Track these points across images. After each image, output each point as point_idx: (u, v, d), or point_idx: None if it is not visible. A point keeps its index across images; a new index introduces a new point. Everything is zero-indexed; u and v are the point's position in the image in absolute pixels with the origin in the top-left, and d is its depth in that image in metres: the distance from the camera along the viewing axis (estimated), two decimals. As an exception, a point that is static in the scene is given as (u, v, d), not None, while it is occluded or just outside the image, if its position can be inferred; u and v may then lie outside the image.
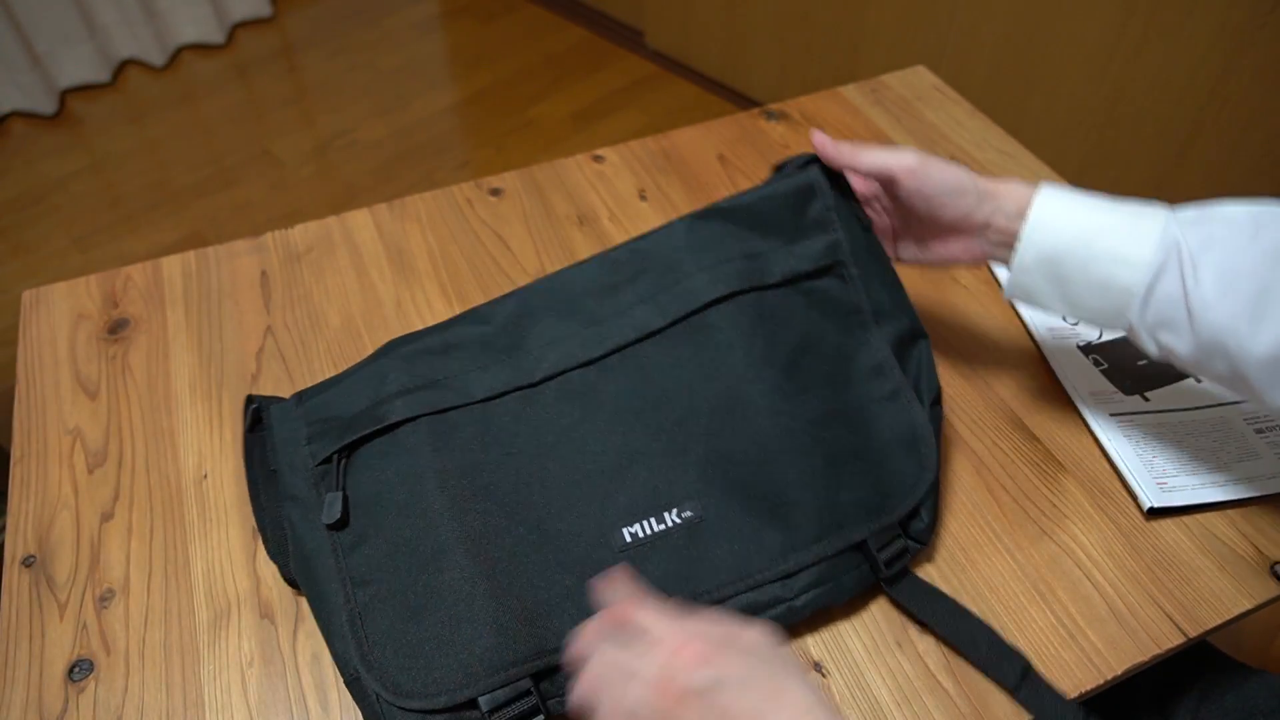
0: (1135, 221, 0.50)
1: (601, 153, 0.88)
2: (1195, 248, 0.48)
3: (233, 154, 2.02)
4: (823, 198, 0.58)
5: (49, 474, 0.62)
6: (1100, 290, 0.51)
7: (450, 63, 2.32)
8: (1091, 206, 0.51)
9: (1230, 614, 0.54)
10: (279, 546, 0.53)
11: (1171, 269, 0.48)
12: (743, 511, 0.51)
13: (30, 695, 0.51)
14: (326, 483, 0.52)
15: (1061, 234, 0.51)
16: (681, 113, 2.12)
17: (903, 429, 0.54)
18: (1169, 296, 0.49)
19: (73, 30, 2.07)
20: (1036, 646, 0.52)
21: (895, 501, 0.52)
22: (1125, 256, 0.50)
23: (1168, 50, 1.31)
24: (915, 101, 0.94)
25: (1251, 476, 0.60)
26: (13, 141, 2.05)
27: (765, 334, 0.54)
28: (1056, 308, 0.54)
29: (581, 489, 0.51)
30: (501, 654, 0.46)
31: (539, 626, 0.47)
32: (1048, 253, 0.52)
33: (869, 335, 0.56)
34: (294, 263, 0.76)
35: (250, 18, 2.39)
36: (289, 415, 0.55)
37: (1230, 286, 0.47)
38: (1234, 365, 0.48)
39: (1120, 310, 0.51)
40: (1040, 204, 0.52)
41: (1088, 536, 0.58)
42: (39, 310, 0.73)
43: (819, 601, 0.51)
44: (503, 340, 0.55)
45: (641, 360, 0.54)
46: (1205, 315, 0.48)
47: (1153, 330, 0.51)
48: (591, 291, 0.57)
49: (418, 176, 1.96)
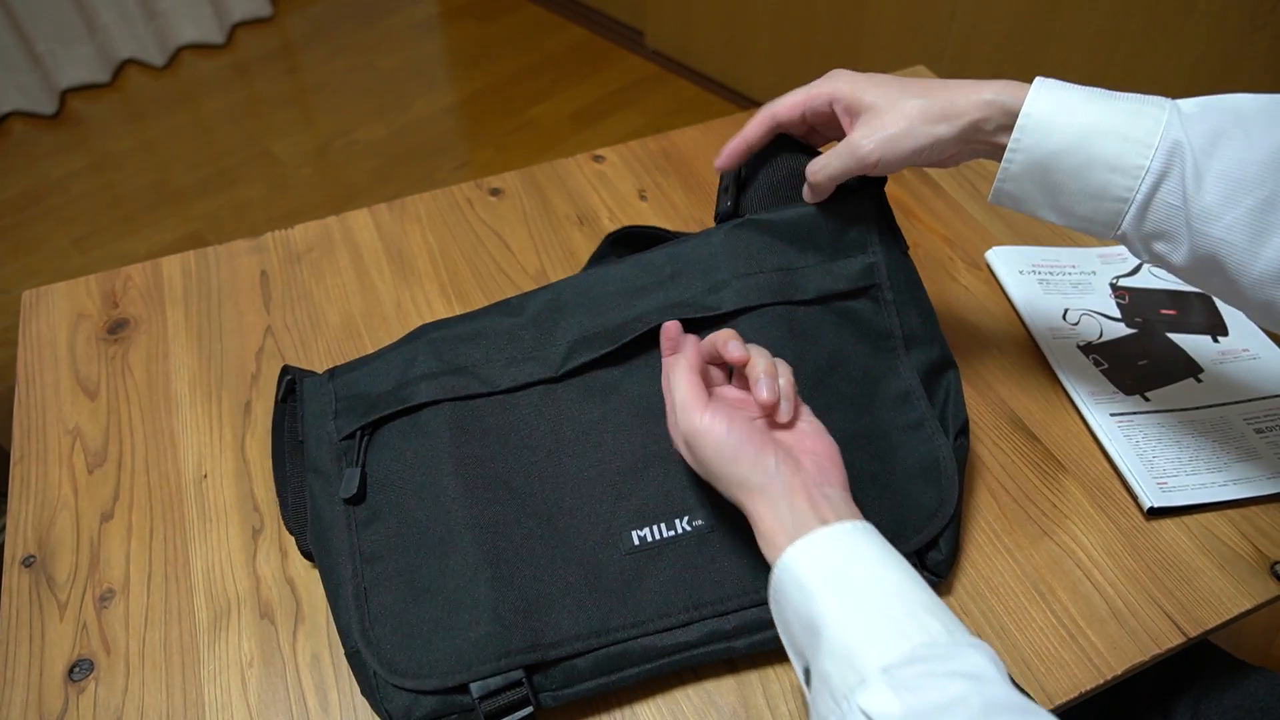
0: (1134, 120, 0.46)
1: (601, 153, 0.88)
2: (1199, 150, 0.44)
3: (233, 154, 2.02)
4: (864, 219, 0.57)
5: (49, 474, 0.62)
6: (1094, 198, 0.47)
7: (450, 63, 2.32)
8: (1086, 103, 0.47)
9: (1230, 614, 0.54)
10: (297, 517, 0.55)
11: (1173, 176, 0.45)
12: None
13: (30, 695, 0.51)
14: (349, 458, 0.53)
15: (1052, 138, 0.47)
16: (681, 113, 2.12)
17: (924, 459, 0.53)
18: (1168, 206, 0.45)
19: (73, 30, 2.07)
20: (1036, 646, 0.52)
21: (912, 530, 0.52)
22: (1123, 163, 0.46)
23: (1168, 50, 1.31)
24: (915, 101, 0.94)
25: (1251, 476, 0.60)
26: (13, 141, 2.05)
27: (793, 350, 0.53)
28: (1043, 214, 0.50)
29: (595, 487, 0.52)
30: (497, 643, 0.47)
31: (537, 619, 0.48)
32: (1039, 159, 0.47)
33: (898, 361, 0.55)
34: (294, 263, 0.76)
35: (250, 18, 2.39)
36: (321, 389, 0.56)
37: (1233, 196, 0.43)
38: (1230, 280, 0.46)
39: (1113, 218, 0.48)
40: (1030, 107, 0.47)
41: (1088, 536, 0.58)
42: (39, 310, 0.73)
43: None
44: (530, 333, 0.55)
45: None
46: (1205, 228, 0.44)
47: (1147, 239, 0.47)
48: (624, 291, 0.56)
49: (418, 176, 1.96)
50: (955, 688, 0.35)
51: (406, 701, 0.47)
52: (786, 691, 0.51)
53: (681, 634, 0.49)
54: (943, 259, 0.77)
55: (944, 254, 0.77)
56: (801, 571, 0.40)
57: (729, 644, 0.49)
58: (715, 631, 0.49)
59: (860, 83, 0.51)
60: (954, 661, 0.37)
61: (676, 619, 0.49)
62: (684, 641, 0.49)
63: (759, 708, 0.50)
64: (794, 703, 0.50)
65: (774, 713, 0.50)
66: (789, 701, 0.51)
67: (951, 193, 0.83)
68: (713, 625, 0.49)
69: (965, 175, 0.85)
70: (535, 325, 0.56)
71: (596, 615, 0.48)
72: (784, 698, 0.51)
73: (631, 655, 0.48)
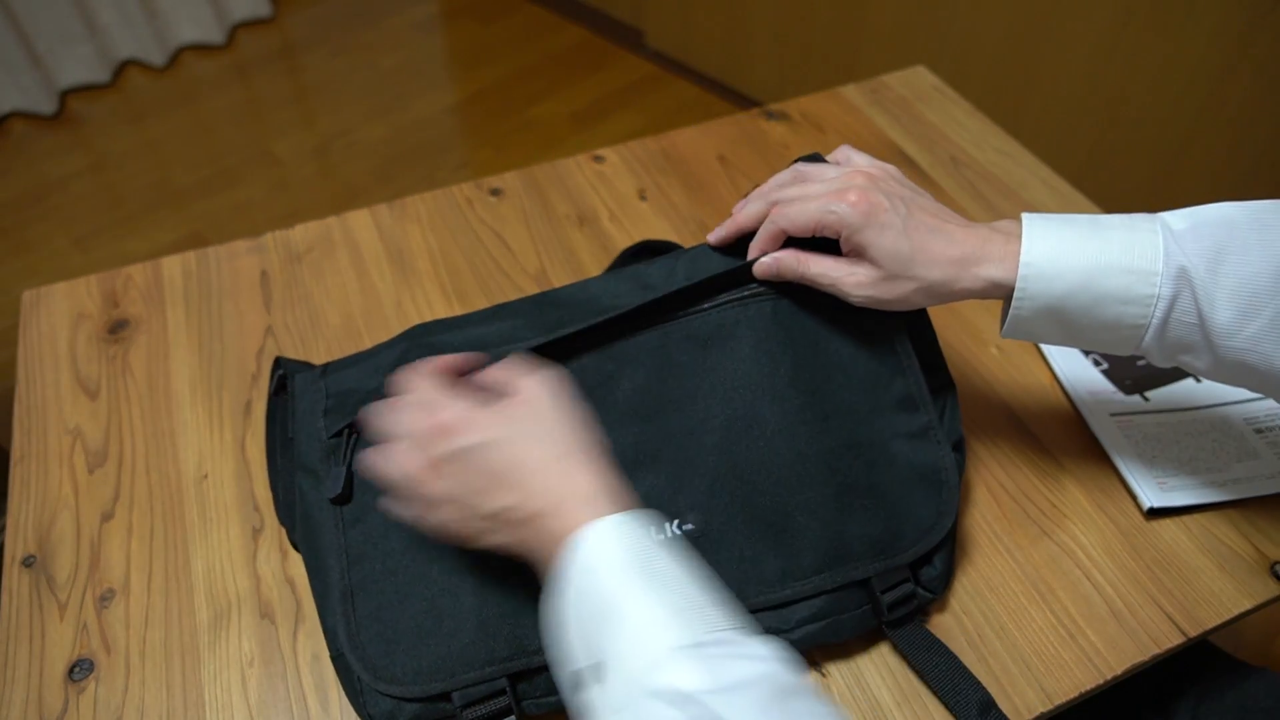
0: (1132, 251, 0.46)
1: (601, 153, 0.88)
2: (1205, 270, 0.45)
3: (233, 154, 2.02)
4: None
5: (49, 474, 0.62)
6: (1109, 330, 0.48)
7: (450, 63, 2.32)
8: (1080, 241, 0.47)
9: (1230, 614, 0.54)
10: (289, 512, 0.55)
11: (1184, 298, 0.45)
12: (746, 531, 0.50)
13: (30, 695, 0.51)
14: (337, 456, 0.52)
15: (1056, 284, 0.47)
16: (681, 113, 2.12)
17: (925, 468, 0.52)
18: (1184, 325, 0.46)
19: (73, 30, 2.07)
20: (1036, 646, 0.52)
21: (907, 543, 0.51)
22: (1133, 295, 0.46)
23: (1168, 50, 1.31)
24: (915, 101, 0.94)
25: (1251, 476, 0.60)
26: (13, 141, 2.05)
27: (794, 355, 0.52)
28: (1061, 344, 0.51)
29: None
30: (480, 650, 0.47)
31: (523, 626, 0.47)
32: (1047, 304, 0.48)
33: (902, 363, 0.54)
34: (294, 263, 0.76)
35: (250, 18, 2.39)
36: (312, 385, 0.56)
37: (1250, 311, 0.44)
38: (1262, 379, 0.46)
39: (1133, 342, 0.48)
40: (1028, 258, 0.47)
41: (1088, 536, 0.58)
42: (39, 310, 0.73)
43: (816, 638, 0.50)
44: (522, 329, 0.54)
45: (661, 359, 0.52)
46: (1227, 343, 0.45)
47: (1169, 353, 0.48)
48: (626, 293, 0.55)
49: (418, 176, 1.96)
50: (757, 668, 0.37)
51: (389, 707, 0.47)
52: (786, 691, 0.51)
53: None
54: (943, 259, 0.77)
55: (944, 254, 0.77)
56: (599, 558, 0.40)
57: None
58: None
59: (870, 234, 0.49)
60: (756, 646, 0.38)
61: None
62: None
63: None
64: (794, 703, 0.50)
65: (774, 713, 0.50)
66: (789, 701, 0.51)
67: (951, 193, 0.83)
68: None
69: (965, 175, 0.85)
70: (526, 319, 0.55)
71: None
72: (784, 698, 0.51)
73: None
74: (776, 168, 0.84)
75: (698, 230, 0.79)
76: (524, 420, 0.44)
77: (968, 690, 0.49)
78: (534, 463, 0.42)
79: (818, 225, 0.50)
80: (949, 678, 0.50)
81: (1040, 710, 0.50)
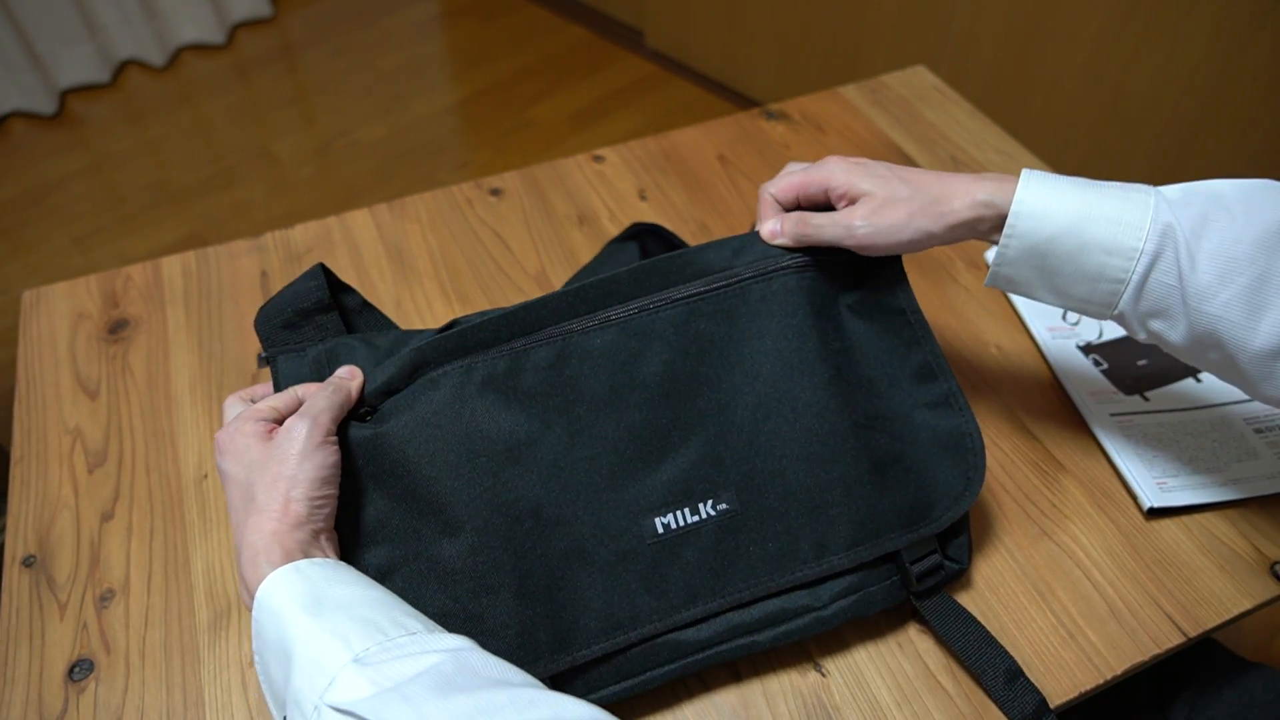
0: (1123, 205, 0.47)
1: (601, 153, 0.88)
2: (1189, 231, 0.46)
3: (233, 154, 2.02)
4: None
5: (49, 474, 0.62)
6: (1090, 280, 0.49)
7: (450, 63, 2.32)
8: (1076, 191, 0.49)
9: (1230, 614, 0.54)
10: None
11: (1167, 256, 0.46)
12: (780, 509, 0.50)
13: (30, 695, 0.51)
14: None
15: (1046, 225, 0.48)
16: (681, 113, 2.12)
17: (950, 436, 0.53)
18: (1163, 286, 0.47)
19: (73, 30, 2.07)
20: (1036, 646, 0.52)
21: (938, 513, 0.51)
22: (1117, 245, 0.47)
23: (1168, 50, 1.31)
24: (915, 101, 0.94)
25: (1251, 476, 0.60)
26: (13, 141, 2.05)
27: (819, 330, 0.52)
28: (1040, 296, 0.52)
29: (612, 474, 0.49)
30: (524, 651, 0.46)
31: (562, 616, 0.47)
32: (1034, 245, 0.49)
33: (917, 334, 0.54)
34: (294, 263, 0.76)
35: (250, 18, 2.39)
36: (297, 373, 0.52)
37: (1227, 275, 0.45)
38: (1228, 355, 0.47)
39: (1110, 299, 0.49)
40: (1022, 195, 0.49)
41: (1088, 536, 0.58)
42: (39, 310, 0.73)
43: (848, 613, 0.50)
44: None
45: (688, 336, 0.51)
46: (1201, 306, 0.46)
47: (1144, 318, 0.49)
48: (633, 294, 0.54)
49: (418, 176, 1.96)
50: (429, 659, 0.37)
51: None
52: (786, 691, 0.51)
53: (705, 629, 0.48)
54: (943, 259, 0.77)
55: (944, 254, 0.77)
56: (276, 600, 0.40)
57: (752, 638, 0.49)
58: (739, 625, 0.49)
59: (855, 172, 0.53)
60: (433, 642, 0.38)
61: (702, 609, 0.48)
62: (706, 638, 0.48)
63: (759, 708, 0.50)
64: (794, 703, 0.50)
65: (774, 713, 0.50)
66: (789, 701, 0.51)
67: (951, 193, 0.83)
68: (736, 618, 0.49)
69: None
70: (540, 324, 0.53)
71: (625, 609, 0.47)
72: (784, 698, 0.51)
73: (659, 653, 0.48)
74: (776, 168, 0.84)
75: (698, 230, 0.79)
76: (254, 460, 0.45)
77: (996, 659, 0.50)
78: (237, 504, 0.45)
79: (803, 183, 0.54)
80: (977, 647, 0.51)
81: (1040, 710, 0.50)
